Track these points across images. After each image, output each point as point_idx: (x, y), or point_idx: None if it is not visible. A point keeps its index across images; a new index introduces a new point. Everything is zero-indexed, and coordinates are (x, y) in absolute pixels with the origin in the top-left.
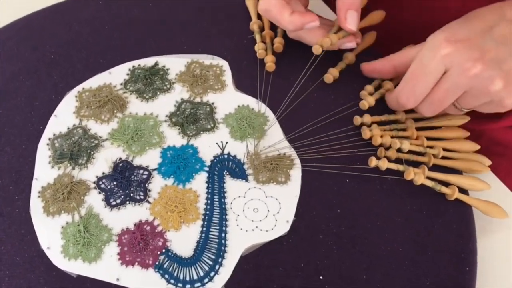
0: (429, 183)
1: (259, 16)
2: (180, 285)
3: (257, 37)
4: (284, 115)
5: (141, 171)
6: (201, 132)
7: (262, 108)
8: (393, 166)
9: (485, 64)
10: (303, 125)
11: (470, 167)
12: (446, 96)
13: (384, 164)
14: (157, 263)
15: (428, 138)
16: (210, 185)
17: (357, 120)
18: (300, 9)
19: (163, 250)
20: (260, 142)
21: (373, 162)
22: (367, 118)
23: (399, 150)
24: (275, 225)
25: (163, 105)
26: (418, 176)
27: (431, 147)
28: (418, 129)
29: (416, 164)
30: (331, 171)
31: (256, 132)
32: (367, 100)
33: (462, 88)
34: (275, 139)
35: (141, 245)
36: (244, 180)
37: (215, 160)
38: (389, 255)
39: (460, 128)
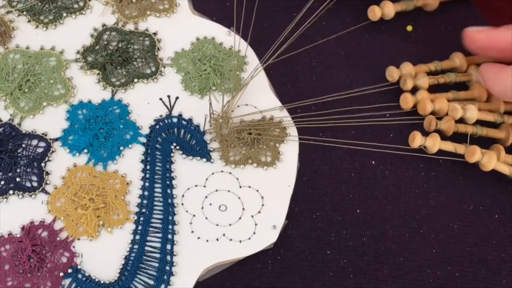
0: (506, 170)
1: None
2: None
3: None
4: (275, 57)
5: (34, 142)
6: (135, 80)
7: (238, 43)
8: (449, 146)
9: None
10: (305, 74)
11: None
12: None
13: (434, 144)
14: None
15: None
16: (148, 167)
17: (393, 72)
18: None
19: (69, 271)
20: (234, 99)
21: (417, 140)
22: (408, 68)
23: (460, 121)
24: (254, 233)
25: (72, 34)
26: (488, 158)
27: (510, 114)
28: None
29: (485, 142)
30: (347, 148)
31: (226, 82)
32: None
33: None
34: (257, 94)
35: (32, 262)
36: (204, 160)
37: (157, 127)
38: None
39: None
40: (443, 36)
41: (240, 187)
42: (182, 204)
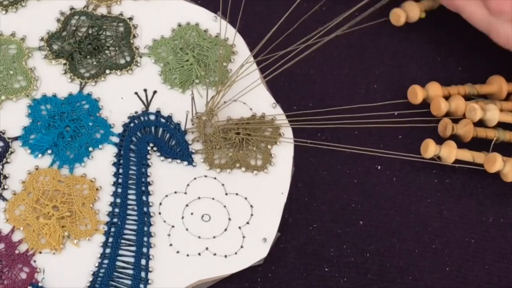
0: None
1: None
2: None
3: None
4: (269, 47)
5: None
6: (107, 72)
7: (225, 29)
8: (467, 155)
9: None
10: (301, 66)
11: None
12: None
13: (450, 154)
14: None
15: None
16: (121, 170)
17: (416, 93)
18: None
19: None
20: (220, 94)
21: (430, 149)
22: (435, 89)
23: (479, 123)
24: (242, 246)
25: (35, 19)
26: (511, 168)
27: None
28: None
29: (507, 148)
30: (349, 151)
31: (212, 75)
32: (408, 9)
33: None
34: (246, 89)
35: None
36: (185, 163)
37: (132, 125)
38: None
39: None
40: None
41: (226, 194)
42: (160, 213)
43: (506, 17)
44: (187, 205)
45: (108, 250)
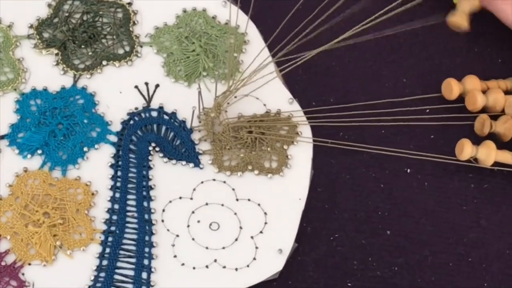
0: None
1: None
2: None
3: None
4: (286, 36)
5: None
6: (104, 63)
7: (236, 16)
8: (507, 157)
9: None
10: (321, 57)
11: None
12: None
13: (489, 156)
14: None
15: None
16: (120, 173)
17: (452, 87)
18: None
19: None
20: (230, 88)
21: (466, 150)
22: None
23: None
24: (255, 258)
25: (24, 4)
26: None
27: None
28: None
29: None
30: (375, 152)
31: (221, 67)
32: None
33: None
34: (259, 82)
35: None
36: (191, 165)
37: (131, 122)
38: None
39: None
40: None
41: (237, 200)
42: (163, 221)
43: None
44: (193, 212)
45: (105, 262)
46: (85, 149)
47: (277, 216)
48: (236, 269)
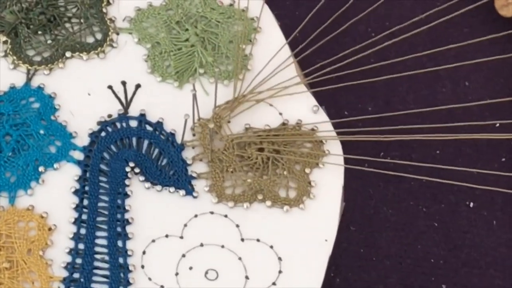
0: None
1: None
2: None
3: None
4: (310, 25)
5: None
6: (67, 54)
7: None
8: None
9: None
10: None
11: None
12: None
13: None
14: None
15: None
16: (86, 202)
17: None
18: None
19: None
20: (235, 91)
21: None
22: None
23: None
24: None
25: None
26: None
27: None
28: None
29: None
30: (427, 181)
31: (223, 62)
32: None
33: None
34: (272, 82)
35: None
36: (182, 192)
37: (103, 134)
38: None
39: None
40: None
41: (243, 240)
42: (143, 266)
43: None
44: (183, 256)
45: None
46: (41, 169)
47: (296, 263)
48: None
